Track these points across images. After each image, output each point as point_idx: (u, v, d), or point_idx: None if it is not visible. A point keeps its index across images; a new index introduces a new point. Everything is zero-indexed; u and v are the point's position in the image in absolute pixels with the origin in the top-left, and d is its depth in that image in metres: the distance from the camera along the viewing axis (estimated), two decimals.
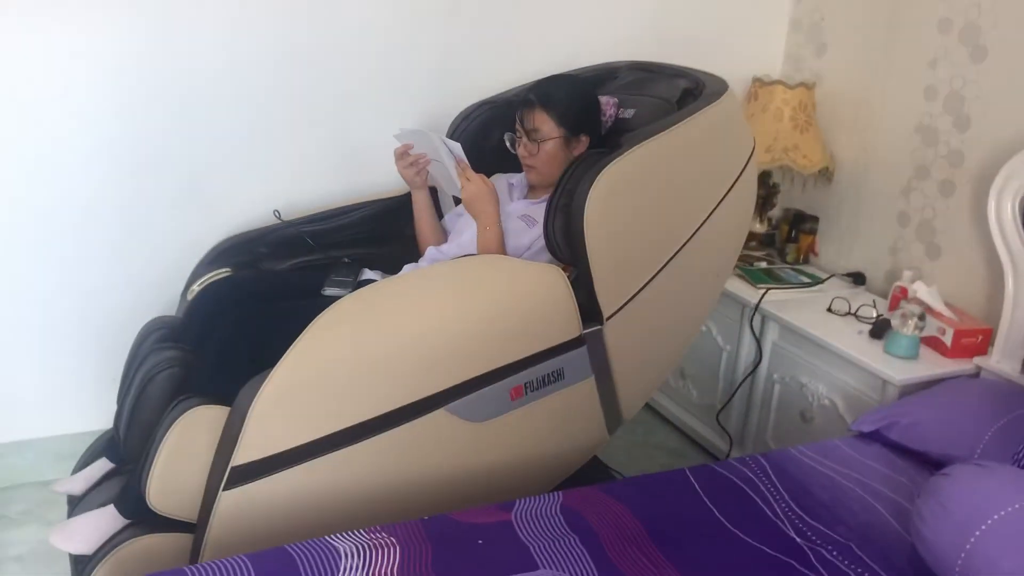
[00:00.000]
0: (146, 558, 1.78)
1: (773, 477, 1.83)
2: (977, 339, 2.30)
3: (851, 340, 2.38)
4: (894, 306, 2.53)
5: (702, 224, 2.00)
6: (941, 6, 2.48)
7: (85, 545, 1.81)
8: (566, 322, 1.88)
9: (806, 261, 2.98)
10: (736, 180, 2.06)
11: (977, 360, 2.28)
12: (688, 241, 1.98)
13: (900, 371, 2.21)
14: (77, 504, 1.99)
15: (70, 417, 2.42)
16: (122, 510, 1.82)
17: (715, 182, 2.03)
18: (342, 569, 1.44)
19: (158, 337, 2.06)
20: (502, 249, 1.98)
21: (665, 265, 1.96)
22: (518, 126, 2.11)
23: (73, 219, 2.28)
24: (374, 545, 1.51)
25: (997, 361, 2.24)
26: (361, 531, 1.55)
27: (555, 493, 1.72)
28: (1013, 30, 2.30)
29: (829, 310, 2.56)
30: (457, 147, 2.00)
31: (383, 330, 1.73)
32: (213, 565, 1.42)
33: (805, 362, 2.47)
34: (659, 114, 2.08)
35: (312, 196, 2.43)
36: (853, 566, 1.56)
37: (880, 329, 2.39)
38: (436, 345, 1.77)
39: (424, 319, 1.76)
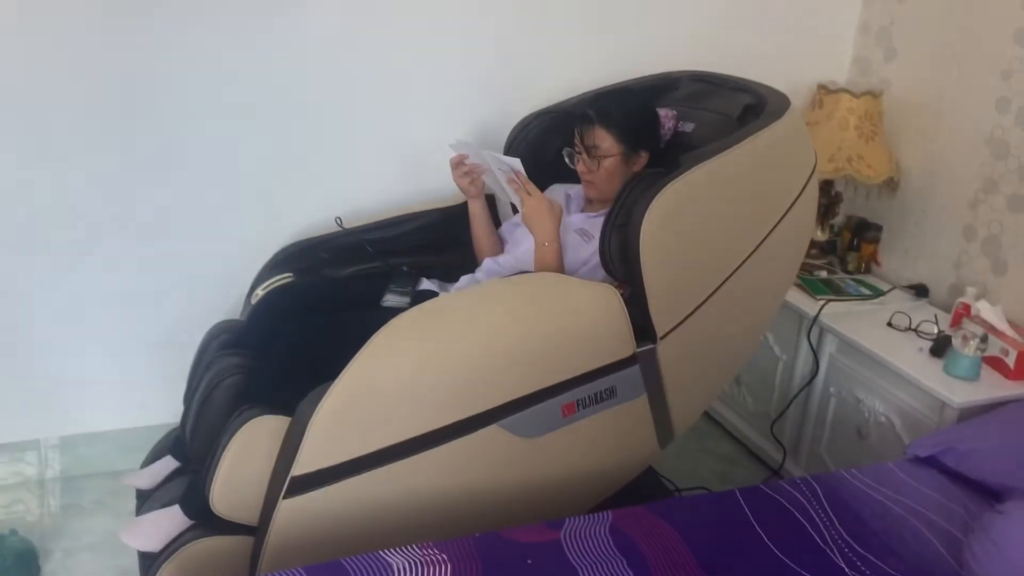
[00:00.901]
0: (209, 559, 1.85)
1: (824, 502, 1.83)
2: None
3: (911, 357, 2.34)
4: (956, 323, 2.48)
5: (760, 244, 1.99)
6: (1019, 15, 2.41)
7: (152, 543, 1.89)
8: (620, 341, 1.89)
9: (867, 270, 2.93)
10: (796, 199, 2.04)
11: None
12: (745, 261, 1.98)
13: (959, 393, 2.18)
14: (145, 500, 2.08)
15: (139, 411, 2.52)
16: (187, 511, 1.90)
17: (775, 202, 2.02)
18: None
19: (222, 342, 2.13)
20: (560, 265, 2.00)
21: (721, 285, 1.96)
22: (577, 142, 2.11)
23: (147, 221, 2.35)
24: (426, 561, 1.55)
25: None
26: (413, 547, 1.59)
27: (604, 513, 1.74)
28: None
29: (889, 324, 2.52)
30: (516, 162, 2.01)
31: (440, 346, 1.77)
32: None
33: (863, 377, 2.45)
34: (720, 130, 2.07)
35: (373, 203, 2.47)
36: None
37: (941, 347, 2.35)
38: (491, 362, 1.80)
39: (480, 336, 1.79)
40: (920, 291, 2.75)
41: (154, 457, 2.19)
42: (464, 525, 1.88)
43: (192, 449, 1.98)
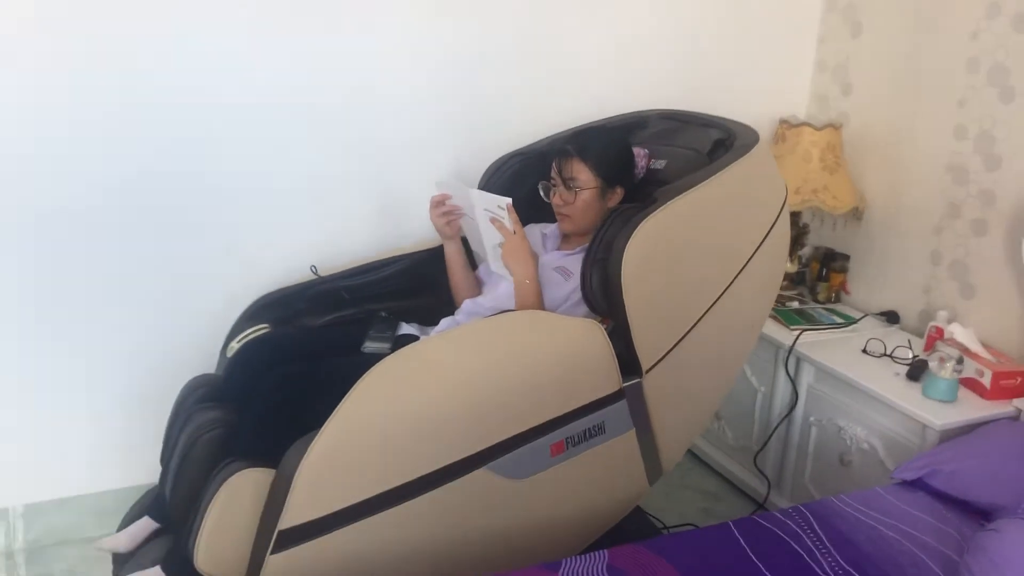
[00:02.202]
0: None
1: (818, 530, 1.82)
2: (1016, 380, 2.28)
3: (888, 383, 2.37)
4: (930, 346, 2.51)
5: (738, 274, 2.01)
6: (969, 47, 2.49)
7: None
8: (606, 376, 1.89)
9: (837, 300, 2.97)
10: (770, 229, 2.07)
11: (1017, 402, 2.27)
12: (725, 291, 1.99)
13: (939, 415, 2.20)
14: (125, 563, 2.00)
15: (112, 474, 2.45)
16: (169, 572, 1.83)
17: (750, 232, 2.04)
18: None
19: (199, 396, 2.08)
20: (540, 303, 1.99)
21: (702, 316, 1.97)
22: (554, 175, 2.13)
23: (112, 276, 2.31)
24: None
25: None
26: None
27: (601, 552, 1.72)
28: None
29: (864, 351, 2.55)
30: (506, 200, 2.00)
31: (426, 391, 1.75)
32: None
33: (842, 404, 2.46)
34: (691, 165, 2.10)
35: (349, 248, 2.46)
36: None
37: (917, 371, 2.38)
38: (478, 404, 1.78)
39: (466, 378, 1.77)
40: (891, 317, 2.79)
41: (131, 519, 2.12)
42: (456, 571, 1.84)
43: (173, 508, 1.92)
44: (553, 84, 2.63)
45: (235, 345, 2.18)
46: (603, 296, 1.88)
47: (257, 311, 2.25)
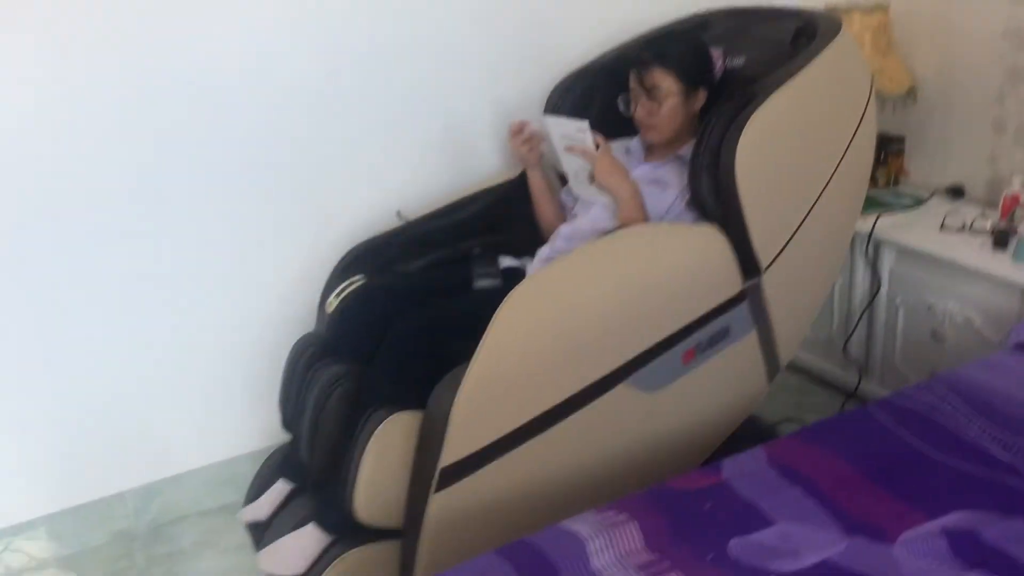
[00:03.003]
0: (360, 570, 1.83)
1: (955, 398, 1.85)
2: None
3: (976, 254, 2.38)
4: (1006, 214, 2.52)
5: (840, 161, 2.00)
6: None
7: (295, 566, 1.85)
8: (728, 279, 1.89)
9: (896, 182, 2.97)
10: (863, 114, 2.06)
11: None
12: (830, 180, 1.99)
13: None
14: (266, 528, 2.02)
15: (218, 445, 2.44)
16: (326, 526, 1.85)
17: (847, 119, 2.03)
18: (591, 552, 1.46)
19: (311, 356, 2.07)
20: (646, 216, 1.98)
21: (812, 208, 1.97)
22: (633, 85, 2.10)
23: (198, 248, 2.27)
24: (609, 524, 1.53)
25: None
26: (588, 513, 1.57)
27: (757, 449, 1.73)
28: None
29: (942, 227, 2.56)
30: (584, 123, 1.98)
31: (565, 313, 1.75)
32: (471, 566, 1.44)
33: (929, 282, 2.48)
34: (774, 58, 2.06)
35: (423, 192, 2.43)
36: None
37: (1003, 238, 2.39)
38: (614, 320, 1.78)
39: (601, 296, 1.78)
40: (956, 192, 2.80)
41: (261, 484, 2.13)
42: (605, 489, 1.86)
43: (313, 466, 1.93)
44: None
45: (334, 300, 2.16)
46: (716, 201, 1.88)
47: (349, 264, 2.22)
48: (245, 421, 2.44)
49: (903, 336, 2.61)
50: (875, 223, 2.60)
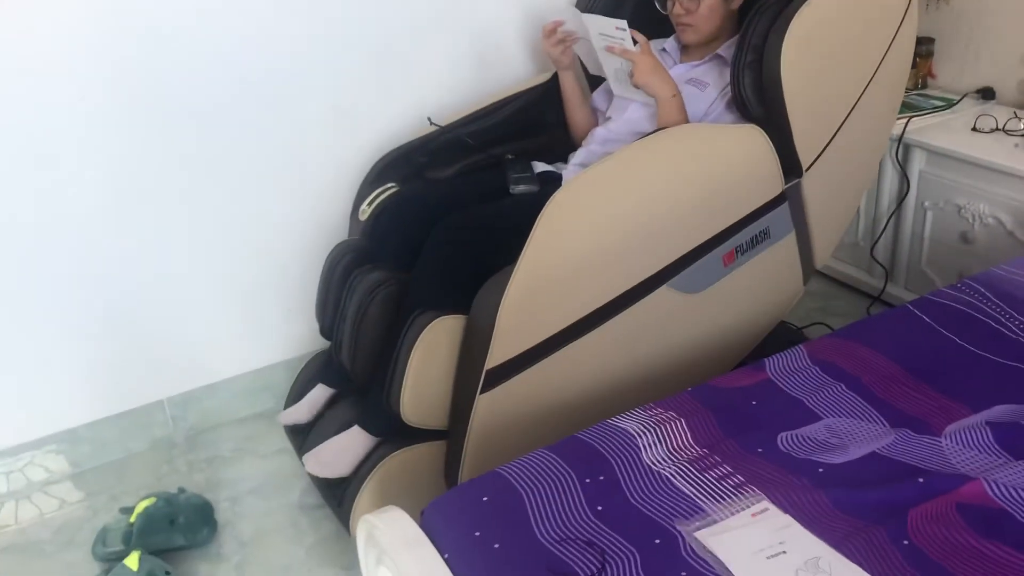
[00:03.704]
0: (407, 470, 1.86)
1: (993, 297, 1.86)
2: None
3: (1010, 154, 2.37)
4: None
5: (880, 64, 1.97)
6: None
7: (341, 468, 1.88)
8: (770, 181, 1.89)
9: (924, 85, 2.93)
10: (906, 12, 2.01)
11: None
12: (870, 82, 1.96)
13: None
14: (308, 433, 2.05)
15: (253, 353, 2.46)
16: (371, 429, 1.88)
17: (890, 17, 1.99)
18: (642, 447, 1.49)
19: (348, 262, 2.07)
20: (686, 118, 1.96)
21: (852, 109, 1.95)
22: None
23: (228, 157, 2.25)
24: (658, 420, 1.55)
25: None
26: (636, 410, 1.60)
27: (798, 348, 1.75)
28: None
29: (974, 129, 2.54)
30: (623, 23, 1.94)
31: (607, 216, 1.74)
32: (522, 463, 1.47)
33: (960, 184, 2.47)
34: None
35: (455, 97, 2.39)
36: None
37: None
38: (656, 223, 1.78)
39: (644, 198, 1.77)
40: (986, 94, 2.76)
41: (300, 390, 2.16)
42: (646, 388, 1.89)
43: (355, 370, 1.95)
44: None
45: (367, 208, 2.16)
46: (758, 100, 1.85)
47: (381, 172, 2.21)
48: (280, 329, 2.46)
49: (931, 239, 2.61)
50: (906, 126, 2.57)
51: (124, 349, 2.29)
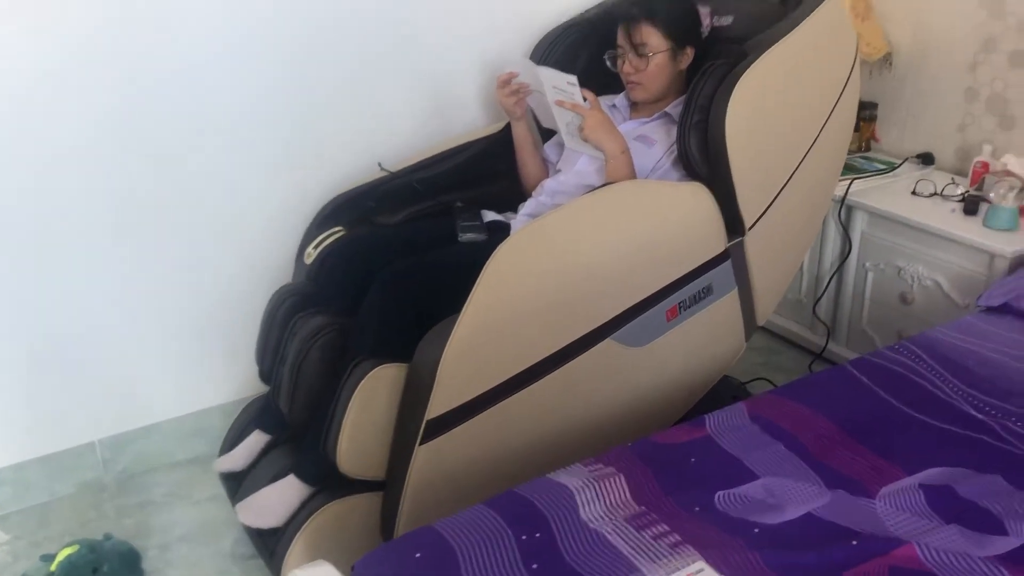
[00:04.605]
0: (341, 522, 1.82)
1: (929, 359, 1.89)
2: None
3: (947, 219, 2.43)
4: (975, 181, 2.58)
5: (824, 125, 2.02)
6: None
7: (274, 518, 1.84)
8: (714, 238, 1.91)
9: (867, 148, 3.01)
10: (848, 79, 2.07)
11: None
12: (814, 143, 2.00)
13: (1006, 243, 2.27)
14: (242, 480, 2.00)
15: (191, 395, 2.41)
16: (306, 478, 1.84)
17: (833, 81, 2.05)
18: (580, 503, 1.48)
19: (291, 305, 2.04)
20: (634, 174, 1.98)
21: (795, 170, 1.98)
22: (621, 42, 2.08)
23: (173, 196, 2.21)
24: (597, 476, 1.54)
25: None
26: (576, 465, 1.59)
27: (738, 405, 1.76)
28: None
29: (914, 192, 2.61)
30: (572, 78, 1.96)
31: (553, 268, 1.75)
32: (458, 518, 1.45)
33: (900, 246, 2.53)
34: (764, 18, 2.07)
35: (407, 142, 2.39)
36: None
37: (972, 205, 2.45)
38: (603, 275, 1.79)
39: (590, 251, 1.78)
40: (926, 159, 2.85)
41: (237, 435, 2.11)
42: (591, 442, 1.88)
43: (293, 417, 1.91)
44: None
45: (312, 251, 2.13)
46: (704, 159, 1.88)
47: (328, 215, 2.19)
48: (219, 372, 2.41)
49: (871, 299, 2.66)
50: (849, 187, 2.63)
51: (55, 388, 2.22)
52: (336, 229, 2.16)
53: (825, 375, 1.90)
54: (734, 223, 1.93)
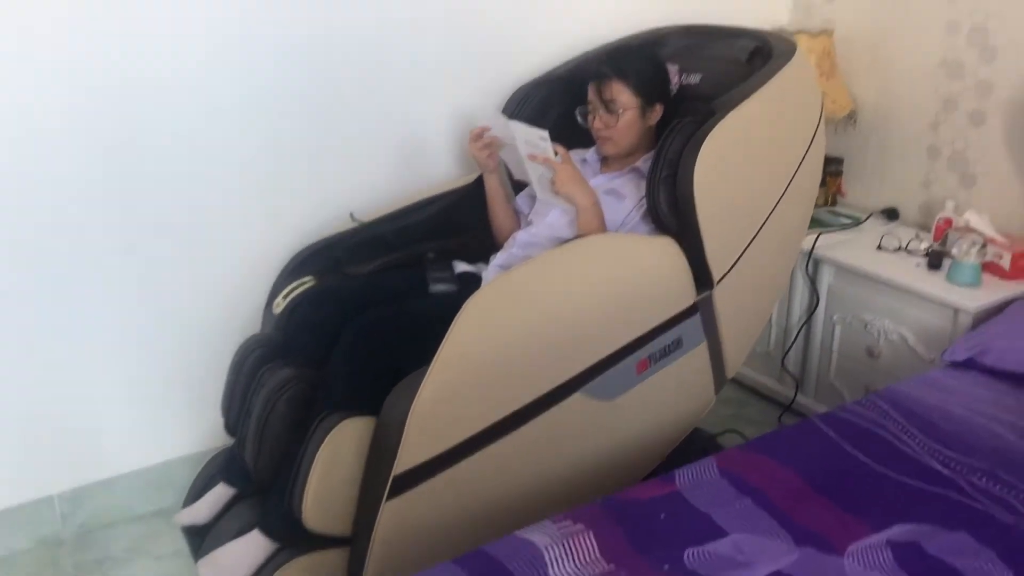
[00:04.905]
0: None
1: (895, 415, 1.90)
2: None
3: (911, 274, 2.47)
4: (939, 236, 2.62)
5: (791, 180, 2.05)
6: None
7: (239, 574, 1.79)
8: (683, 291, 1.92)
9: (834, 203, 3.06)
10: (813, 136, 2.11)
11: None
12: (781, 197, 2.04)
13: (969, 299, 2.31)
14: (206, 535, 1.96)
15: (154, 447, 2.36)
16: (271, 533, 1.81)
17: (800, 138, 2.08)
18: (548, 561, 1.46)
19: (259, 357, 2.03)
20: (604, 227, 1.99)
21: (763, 224, 2.01)
22: (592, 98, 2.12)
23: (140, 243, 2.19)
24: (566, 533, 1.53)
25: None
26: (545, 523, 1.57)
27: (708, 460, 1.76)
28: None
29: (879, 247, 2.65)
30: (544, 133, 1.99)
31: (523, 321, 1.75)
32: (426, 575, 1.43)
33: (866, 300, 2.56)
34: (731, 76, 2.11)
35: (380, 193, 2.40)
36: (1006, 490, 1.64)
37: (936, 260, 2.48)
38: (572, 329, 1.79)
39: (560, 304, 1.78)
40: (891, 214, 2.90)
41: (201, 488, 2.07)
42: (557, 497, 1.87)
43: (258, 471, 1.88)
44: (568, 5, 2.58)
45: (281, 302, 2.12)
46: (673, 213, 1.90)
47: (298, 265, 2.18)
48: (183, 423, 2.37)
49: (839, 352, 2.68)
50: (815, 241, 2.66)
51: (10, 439, 2.17)
52: (306, 279, 2.15)
53: (794, 429, 1.90)
54: (703, 277, 1.94)
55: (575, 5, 2.60)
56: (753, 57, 2.14)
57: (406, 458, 1.66)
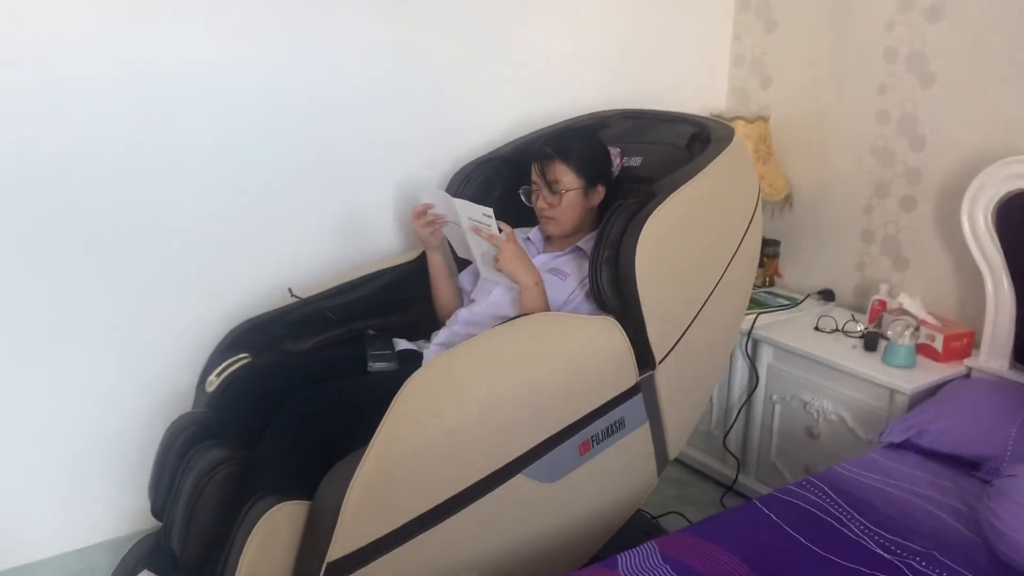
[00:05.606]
0: None
1: (836, 497, 1.91)
2: (963, 342, 2.47)
3: (848, 355, 2.51)
4: (874, 318, 2.68)
5: (730, 262, 2.08)
6: (885, 37, 2.68)
7: None
8: (625, 372, 1.92)
9: (771, 284, 3.12)
10: (752, 217, 2.15)
11: (967, 361, 2.45)
12: (720, 279, 2.06)
13: (904, 380, 2.34)
14: None
15: (75, 531, 2.26)
16: None
17: (736, 222, 2.12)
18: None
19: (189, 436, 1.95)
20: (547, 306, 1.99)
21: (704, 305, 2.03)
22: (535, 178, 2.14)
23: (64, 315, 2.12)
24: None
25: (986, 361, 2.41)
26: None
27: (650, 544, 1.73)
28: (957, 58, 2.51)
29: (816, 328, 2.69)
30: (489, 210, 1.99)
31: (463, 402, 1.72)
32: None
33: (805, 380, 2.59)
34: (671, 160, 2.15)
35: (320, 268, 2.37)
36: (944, 574, 1.64)
37: (872, 341, 2.53)
38: (515, 408, 1.77)
39: (502, 384, 1.76)
40: (827, 296, 2.96)
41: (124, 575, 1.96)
42: None
43: (186, 557, 1.79)
44: (500, 91, 2.63)
45: (215, 379, 2.06)
46: (615, 293, 1.91)
47: (233, 341, 2.13)
48: (106, 506, 2.28)
49: (779, 432, 2.70)
50: (755, 321, 2.70)
51: None
52: (241, 356, 2.09)
53: (735, 512, 1.89)
54: (645, 357, 1.94)
55: (521, 87, 2.65)
56: (692, 142, 2.19)
57: (341, 543, 1.60)
